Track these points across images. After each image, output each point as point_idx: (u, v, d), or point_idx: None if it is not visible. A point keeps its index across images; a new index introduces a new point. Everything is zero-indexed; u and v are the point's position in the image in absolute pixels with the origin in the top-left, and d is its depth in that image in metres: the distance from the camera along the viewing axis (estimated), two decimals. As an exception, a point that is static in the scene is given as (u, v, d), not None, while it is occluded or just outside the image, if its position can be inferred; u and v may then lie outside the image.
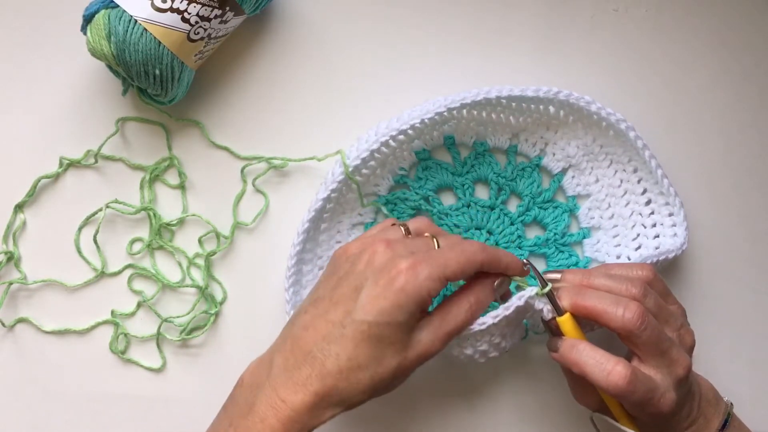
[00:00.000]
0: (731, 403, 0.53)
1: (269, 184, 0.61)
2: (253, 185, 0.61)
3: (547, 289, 0.50)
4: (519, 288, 0.52)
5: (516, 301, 0.50)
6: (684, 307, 0.53)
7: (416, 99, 0.61)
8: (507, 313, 0.50)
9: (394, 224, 0.52)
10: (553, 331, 0.51)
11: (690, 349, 0.50)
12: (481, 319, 0.50)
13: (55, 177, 0.61)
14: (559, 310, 0.50)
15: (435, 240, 0.50)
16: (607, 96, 0.61)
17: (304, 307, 0.49)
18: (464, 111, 0.58)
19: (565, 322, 0.50)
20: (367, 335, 0.45)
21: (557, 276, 0.52)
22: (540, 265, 0.61)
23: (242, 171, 0.61)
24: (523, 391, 0.61)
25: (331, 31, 0.62)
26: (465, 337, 0.51)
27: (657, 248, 0.58)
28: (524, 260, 0.51)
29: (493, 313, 0.50)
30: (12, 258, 0.61)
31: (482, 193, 0.62)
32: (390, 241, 0.49)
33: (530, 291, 0.50)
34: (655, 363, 0.48)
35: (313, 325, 0.47)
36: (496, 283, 0.50)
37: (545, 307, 0.50)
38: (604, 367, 0.47)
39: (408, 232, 0.51)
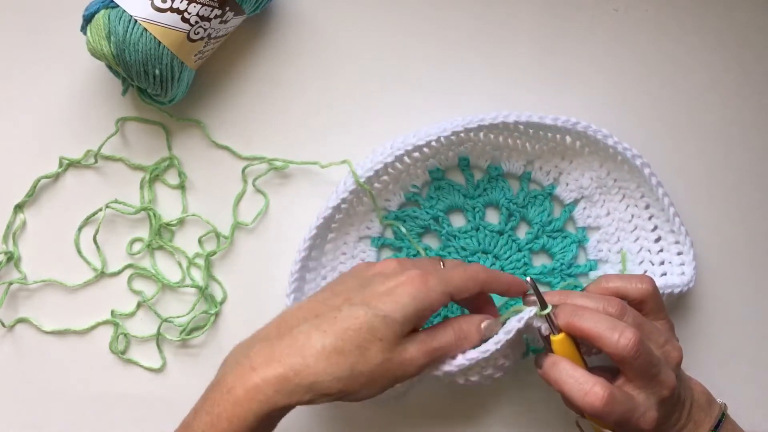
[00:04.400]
0: (725, 405, 0.53)
1: (269, 185, 0.61)
2: (254, 185, 0.61)
3: (546, 311, 0.49)
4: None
5: (516, 323, 0.50)
6: (672, 322, 0.53)
7: (418, 101, 0.61)
8: (508, 337, 0.49)
9: None
10: (550, 346, 0.50)
11: (676, 366, 0.50)
12: (483, 347, 0.50)
13: (55, 177, 0.61)
14: (555, 330, 0.49)
15: (441, 261, 0.52)
16: (606, 95, 0.62)
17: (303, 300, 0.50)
18: (481, 134, 0.58)
19: (558, 342, 0.49)
20: (360, 323, 0.45)
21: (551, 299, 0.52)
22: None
23: (243, 171, 0.61)
24: (516, 399, 0.61)
25: (332, 32, 0.62)
26: (471, 366, 0.50)
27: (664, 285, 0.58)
28: (528, 278, 0.50)
29: (494, 339, 0.50)
30: (12, 258, 0.61)
31: (492, 218, 0.61)
32: (400, 259, 0.51)
33: (529, 312, 0.50)
34: (641, 384, 0.48)
35: (307, 306, 0.48)
36: (483, 325, 0.50)
37: (543, 325, 0.50)
38: (582, 387, 0.47)
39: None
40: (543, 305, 0.49)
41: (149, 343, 0.61)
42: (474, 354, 0.50)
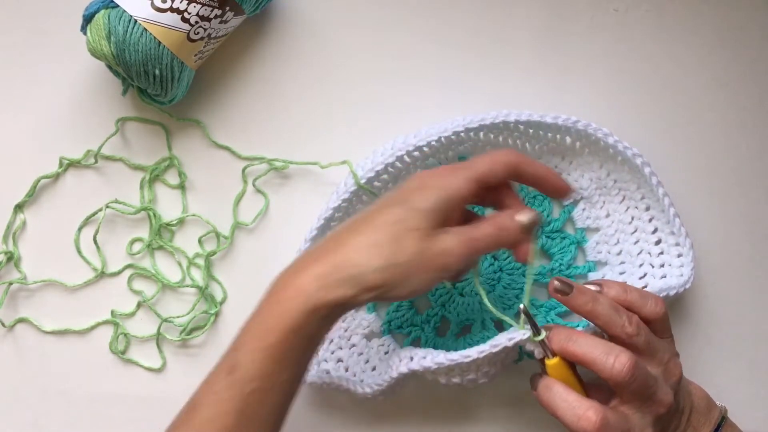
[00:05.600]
0: (725, 409, 0.53)
1: (270, 185, 0.61)
2: (254, 185, 0.61)
3: (540, 337, 0.48)
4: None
5: (504, 341, 0.49)
6: (674, 337, 0.52)
7: (418, 100, 0.61)
8: (493, 350, 0.49)
9: None
10: (545, 368, 0.50)
11: (676, 383, 0.50)
12: (465, 352, 0.50)
13: (55, 177, 0.61)
14: (549, 354, 0.49)
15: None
16: (606, 95, 0.62)
17: None
18: (481, 134, 0.58)
19: (552, 366, 0.49)
20: (393, 218, 0.46)
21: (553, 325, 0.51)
22: (542, 295, 0.61)
23: (243, 171, 0.61)
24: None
25: (332, 33, 0.62)
26: (451, 368, 0.51)
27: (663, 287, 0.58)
28: (521, 306, 0.49)
29: (479, 348, 0.50)
30: (12, 258, 0.61)
31: None
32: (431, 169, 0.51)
33: (521, 335, 0.49)
34: (637, 405, 0.48)
35: (348, 221, 0.49)
36: (518, 217, 0.48)
37: (536, 349, 0.49)
38: (575, 412, 0.46)
39: None
40: (536, 332, 0.49)
41: (149, 343, 0.61)
42: (454, 356, 0.50)
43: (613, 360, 0.46)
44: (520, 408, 0.61)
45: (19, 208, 0.61)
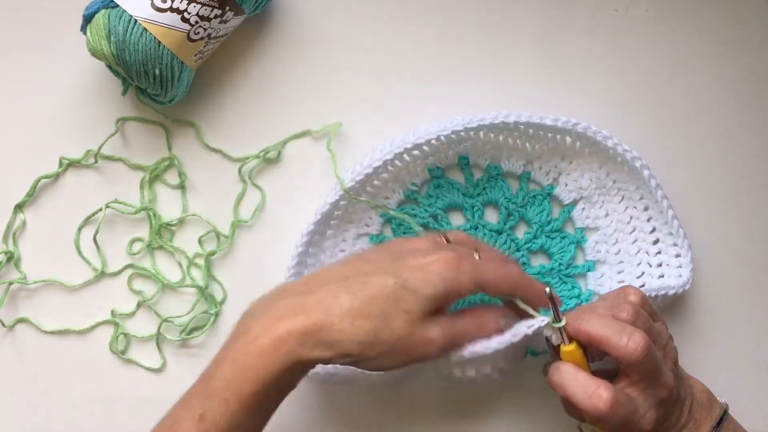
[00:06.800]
0: (727, 405, 0.53)
1: (266, 179, 0.61)
2: (250, 180, 0.61)
3: (561, 324, 0.48)
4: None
5: (525, 329, 0.49)
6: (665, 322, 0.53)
7: (418, 100, 0.61)
8: (514, 340, 0.49)
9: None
10: (557, 354, 0.50)
11: (674, 365, 0.50)
12: (486, 342, 0.49)
13: (55, 177, 0.61)
14: (566, 341, 0.49)
15: (476, 253, 0.50)
16: (606, 96, 0.62)
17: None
18: (481, 133, 0.58)
19: (568, 352, 0.49)
20: (388, 292, 0.45)
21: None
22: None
23: (240, 171, 0.61)
24: (515, 404, 0.61)
25: (333, 32, 0.62)
26: (470, 360, 0.50)
27: (661, 286, 0.58)
28: (547, 289, 0.49)
29: (499, 338, 0.49)
30: (12, 258, 0.61)
31: (491, 217, 0.61)
32: (436, 239, 0.50)
33: (541, 321, 0.48)
34: (643, 386, 0.48)
35: (338, 269, 0.47)
36: (503, 323, 0.49)
37: (553, 335, 0.49)
38: (586, 389, 0.46)
39: (448, 241, 0.52)
40: (558, 318, 0.48)
41: (149, 343, 0.61)
42: (477, 348, 0.49)
43: (627, 339, 0.46)
44: (524, 405, 0.61)
45: (19, 208, 0.61)
